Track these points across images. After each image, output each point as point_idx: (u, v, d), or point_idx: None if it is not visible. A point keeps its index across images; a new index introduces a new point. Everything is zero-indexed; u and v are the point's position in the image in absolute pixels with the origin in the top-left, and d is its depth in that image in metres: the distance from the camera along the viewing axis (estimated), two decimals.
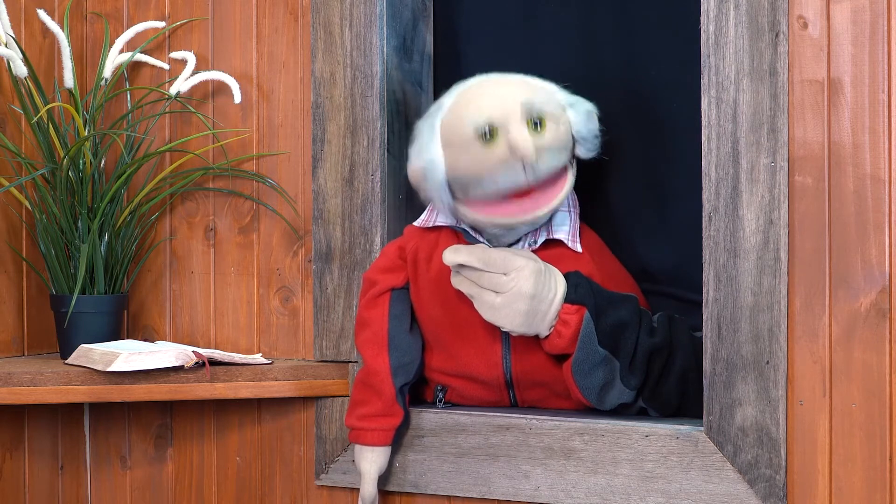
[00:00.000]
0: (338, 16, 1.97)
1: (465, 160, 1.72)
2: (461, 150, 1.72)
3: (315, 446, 2.00)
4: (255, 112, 2.08)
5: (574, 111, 1.77)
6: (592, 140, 1.79)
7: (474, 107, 1.73)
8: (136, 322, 2.18)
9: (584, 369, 1.73)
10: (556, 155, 1.73)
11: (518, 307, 1.70)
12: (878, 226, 1.62)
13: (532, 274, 1.70)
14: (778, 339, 1.66)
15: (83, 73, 2.19)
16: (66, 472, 2.17)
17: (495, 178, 1.71)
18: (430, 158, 1.75)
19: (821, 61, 1.65)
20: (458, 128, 1.73)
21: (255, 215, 2.09)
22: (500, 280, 1.70)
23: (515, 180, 1.71)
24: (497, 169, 1.70)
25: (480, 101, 1.74)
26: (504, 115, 1.70)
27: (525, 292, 1.69)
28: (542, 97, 1.74)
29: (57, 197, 2.03)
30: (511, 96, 1.72)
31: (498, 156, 1.70)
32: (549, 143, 1.72)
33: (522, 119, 1.70)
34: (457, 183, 1.75)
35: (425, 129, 1.78)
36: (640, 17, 1.98)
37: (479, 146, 1.70)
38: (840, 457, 1.64)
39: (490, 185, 1.72)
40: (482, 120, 1.70)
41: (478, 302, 1.73)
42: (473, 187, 1.74)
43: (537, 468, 1.80)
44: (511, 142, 1.68)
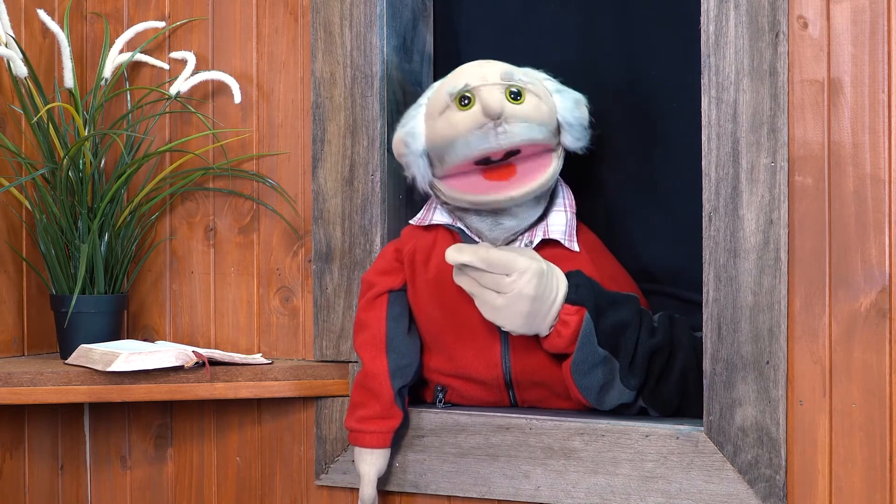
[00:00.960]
0: (338, 16, 1.97)
1: (441, 124, 1.76)
2: (439, 117, 1.76)
3: (315, 446, 2.00)
4: (255, 112, 2.08)
5: (561, 97, 1.80)
6: (580, 129, 1.79)
7: (455, 76, 1.79)
8: (136, 322, 2.18)
9: (584, 369, 1.73)
10: (533, 127, 1.74)
11: (519, 308, 1.70)
12: (878, 226, 1.62)
13: (535, 276, 1.69)
14: (778, 339, 1.66)
15: (83, 73, 2.19)
16: (66, 472, 2.17)
17: (467, 140, 1.73)
18: (411, 127, 1.80)
19: (821, 61, 1.65)
20: (439, 97, 1.78)
21: (255, 215, 2.09)
22: (502, 281, 1.70)
23: (486, 143, 1.73)
24: (469, 131, 1.73)
25: (462, 71, 1.80)
26: (482, 80, 1.75)
27: (527, 294, 1.69)
28: (527, 76, 1.79)
29: (57, 197, 2.02)
30: (491, 67, 1.78)
31: (471, 117, 1.73)
32: (524, 113, 1.73)
33: (500, 86, 1.74)
34: (433, 151, 1.78)
35: (413, 106, 1.84)
36: (640, 17, 1.98)
37: (455, 110, 1.75)
38: (840, 457, 1.64)
39: (462, 148, 1.74)
40: (459, 85, 1.75)
41: (479, 301, 1.73)
42: (447, 153, 1.76)
43: (537, 468, 1.80)
44: (482, 100, 1.72)
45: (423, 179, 1.81)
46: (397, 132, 1.83)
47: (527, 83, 1.77)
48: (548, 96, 1.79)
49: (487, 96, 1.72)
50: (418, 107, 1.83)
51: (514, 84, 1.75)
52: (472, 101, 1.74)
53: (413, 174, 1.82)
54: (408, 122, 1.82)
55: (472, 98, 1.74)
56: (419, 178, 1.82)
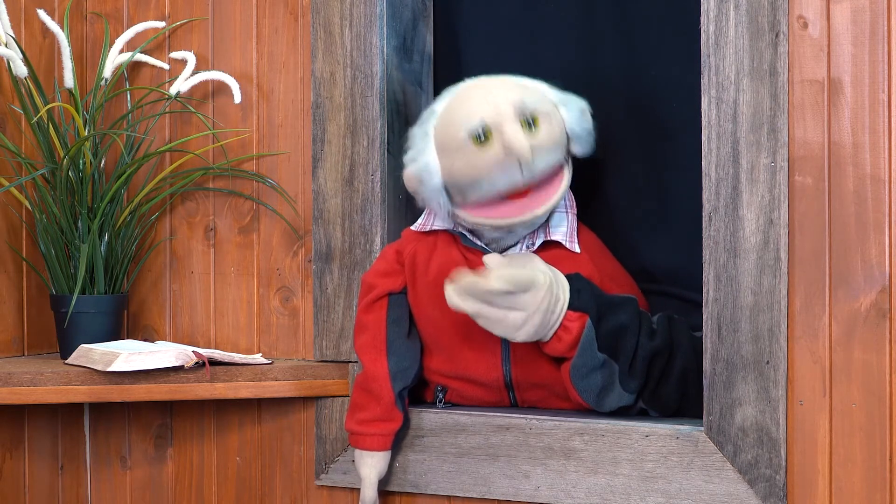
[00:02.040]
0: (338, 16, 1.97)
1: (461, 164, 1.72)
2: (456, 154, 1.72)
3: (315, 446, 2.00)
4: (255, 112, 2.08)
5: (567, 108, 1.78)
6: (587, 137, 1.79)
7: (466, 110, 1.73)
8: (136, 322, 2.18)
9: (583, 373, 1.72)
10: (552, 153, 1.73)
11: (534, 321, 1.68)
12: (878, 226, 1.62)
13: (548, 290, 1.68)
14: (778, 339, 1.66)
15: (83, 73, 2.19)
16: (66, 472, 2.17)
17: (492, 180, 1.71)
18: (425, 164, 1.76)
19: (821, 61, 1.65)
20: (452, 132, 1.73)
21: (255, 215, 2.09)
22: (520, 298, 1.67)
23: (512, 181, 1.71)
24: (493, 170, 1.70)
25: (472, 103, 1.74)
26: (497, 115, 1.71)
27: (542, 308, 1.68)
28: (534, 96, 1.75)
29: (57, 197, 2.02)
30: (503, 97, 1.73)
31: (493, 157, 1.70)
32: (543, 142, 1.72)
33: (515, 119, 1.71)
34: (454, 187, 1.75)
35: (419, 136, 1.79)
36: (640, 18, 1.98)
37: (474, 149, 1.71)
38: (840, 457, 1.64)
39: (487, 187, 1.72)
40: (475, 122, 1.71)
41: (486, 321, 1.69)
42: (471, 190, 1.73)
43: (537, 468, 1.80)
44: (506, 142, 1.68)
45: (443, 212, 1.78)
46: (409, 167, 1.79)
47: (537, 106, 1.73)
48: (555, 112, 1.76)
49: (511, 139, 1.68)
50: (425, 137, 1.78)
51: (528, 113, 1.72)
52: (490, 137, 1.70)
53: (429, 206, 1.80)
54: (417, 155, 1.78)
55: (488, 134, 1.70)
56: (438, 211, 1.79)
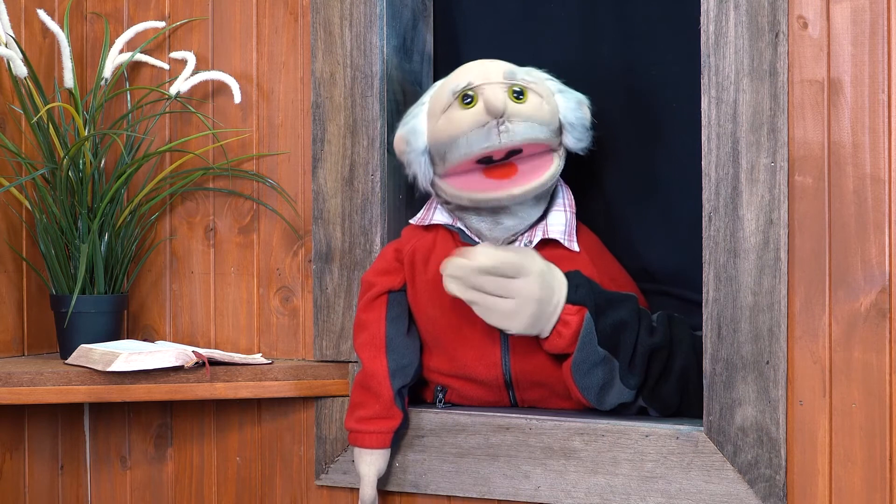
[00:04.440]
0: (338, 16, 1.97)
1: (443, 122, 1.76)
2: (441, 114, 1.77)
3: (315, 446, 2.00)
4: (255, 112, 2.08)
5: (563, 97, 1.80)
6: (582, 130, 1.79)
7: (458, 75, 1.80)
8: (136, 322, 2.18)
9: (584, 369, 1.73)
10: (535, 126, 1.74)
11: (528, 310, 1.69)
12: (878, 226, 1.62)
13: (539, 276, 1.69)
14: (778, 339, 1.66)
15: (83, 73, 2.19)
16: (66, 472, 2.17)
17: (469, 139, 1.73)
18: (413, 126, 1.81)
19: (821, 61, 1.65)
20: (441, 95, 1.79)
21: (255, 215, 2.09)
22: (510, 284, 1.68)
23: (488, 141, 1.73)
24: (472, 129, 1.73)
25: (465, 69, 1.81)
26: (484, 78, 1.76)
27: (535, 296, 1.69)
28: (527, 71, 1.80)
29: (57, 197, 2.03)
30: (494, 66, 1.79)
31: (473, 115, 1.73)
32: (527, 112, 1.74)
33: (503, 85, 1.75)
34: (435, 149, 1.78)
35: (415, 104, 1.85)
36: (640, 18, 1.98)
37: (458, 109, 1.75)
38: (840, 457, 1.64)
39: (464, 146, 1.74)
40: (462, 83, 1.76)
41: (482, 308, 1.71)
42: (449, 151, 1.76)
43: (537, 468, 1.80)
44: (485, 99, 1.72)
45: (424, 178, 1.81)
46: (398, 130, 1.83)
47: (529, 82, 1.77)
48: (550, 96, 1.79)
49: (490, 95, 1.72)
50: (420, 105, 1.83)
51: (517, 83, 1.75)
52: (475, 100, 1.74)
53: (414, 172, 1.82)
54: (409, 120, 1.82)
55: (474, 96, 1.75)
56: (420, 177, 1.82)
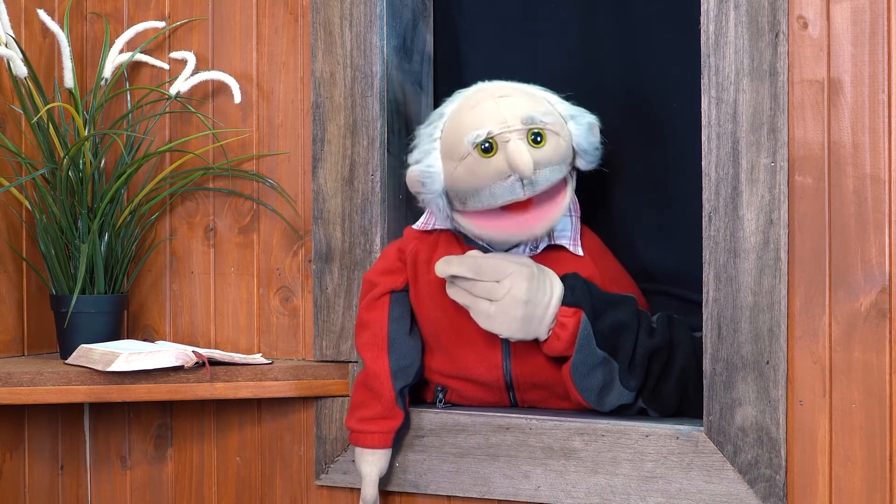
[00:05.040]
0: (338, 16, 1.97)
1: (463, 171, 1.71)
2: (460, 162, 1.72)
3: (315, 446, 2.00)
4: (255, 112, 2.08)
5: (575, 123, 1.76)
6: (593, 152, 1.78)
7: (474, 118, 1.72)
8: (136, 322, 2.18)
9: (583, 371, 1.73)
10: (555, 169, 1.72)
11: (513, 313, 1.69)
12: (878, 226, 1.62)
13: (524, 279, 1.69)
14: (778, 339, 1.66)
15: (83, 73, 2.19)
16: (66, 472, 2.17)
17: (493, 192, 1.70)
18: (428, 166, 1.75)
19: (821, 61, 1.65)
20: (458, 139, 1.72)
21: (255, 215, 2.09)
22: (492, 288, 1.69)
23: (513, 194, 1.70)
24: (495, 182, 1.69)
25: (481, 112, 1.72)
26: (504, 127, 1.69)
27: (519, 298, 1.69)
28: (544, 109, 1.73)
29: (57, 197, 2.02)
30: (511, 108, 1.71)
31: (496, 169, 1.69)
32: (548, 157, 1.71)
33: (522, 133, 1.70)
34: (454, 193, 1.75)
35: (425, 137, 1.78)
36: (640, 18, 1.98)
37: (478, 158, 1.69)
38: (840, 457, 1.64)
39: (487, 198, 1.71)
40: (482, 132, 1.70)
41: (473, 311, 1.72)
42: (471, 199, 1.73)
43: (537, 468, 1.80)
44: (509, 156, 1.67)
45: (442, 216, 1.79)
46: (412, 168, 1.78)
47: (546, 124, 1.71)
48: (563, 128, 1.74)
49: (514, 153, 1.66)
50: (431, 140, 1.77)
51: (535, 127, 1.71)
52: (494, 149, 1.69)
53: (429, 209, 1.81)
54: (422, 158, 1.77)
55: (493, 146, 1.69)
56: (438, 215, 1.79)
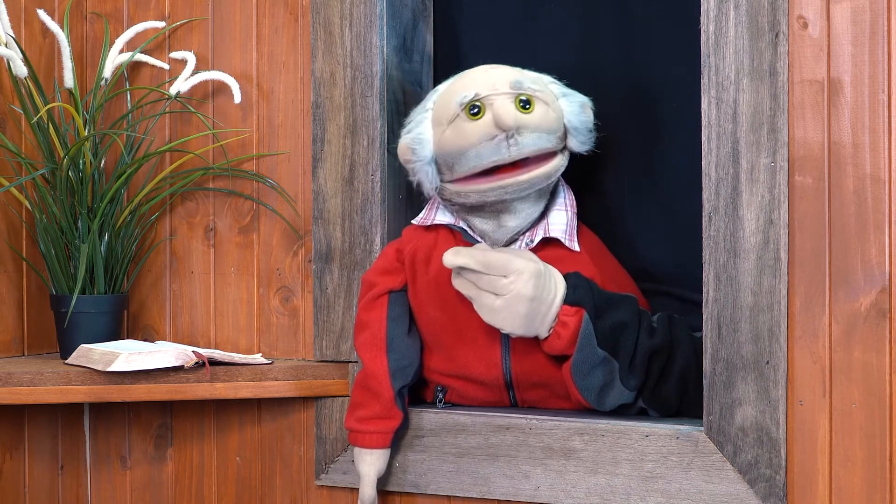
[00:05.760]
0: (338, 16, 1.97)
1: (451, 134, 1.75)
2: (448, 124, 1.75)
3: (315, 446, 2.00)
4: (255, 112, 2.08)
5: (567, 101, 1.80)
6: (585, 133, 1.80)
7: (464, 82, 1.78)
8: (136, 322, 2.18)
9: (583, 370, 1.73)
10: (542, 136, 1.74)
11: (517, 310, 1.70)
12: (878, 226, 1.62)
13: (532, 276, 1.69)
14: (778, 339, 1.66)
15: (83, 73, 2.19)
16: (66, 472, 2.17)
17: (479, 151, 1.73)
18: (418, 134, 1.79)
19: (821, 61, 1.65)
20: (448, 103, 1.77)
21: (255, 215, 2.09)
22: (499, 282, 1.70)
23: (498, 154, 1.72)
24: (481, 141, 1.72)
25: (470, 78, 1.79)
26: (491, 89, 1.74)
27: (525, 295, 1.69)
28: (533, 78, 1.78)
29: (57, 197, 2.03)
30: (500, 74, 1.77)
31: (482, 128, 1.72)
32: (535, 122, 1.73)
33: (510, 96, 1.74)
34: (442, 158, 1.77)
35: (417, 110, 1.83)
36: (640, 17, 1.98)
37: (465, 120, 1.74)
38: (840, 457, 1.64)
39: (473, 159, 1.73)
40: (469, 94, 1.74)
41: (477, 304, 1.72)
42: (458, 162, 1.75)
43: (537, 468, 1.80)
44: (494, 113, 1.71)
45: (430, 185, 1.81)
46: (403, 138, 1.82)
47: (535, 91, 1.76)
48: (554, 101, 1.78)
49: (500, 109, 1.72)
50: (424, 111, 1.81)
51: (524, 92, 1.75)
52: (482, 111, 1.73)
53: (419, 180, 1.82)
54: (413, 127, 1.81)
55: (482, 107, 1.73)
56: (426, 184, 1.81)
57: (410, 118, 1.83)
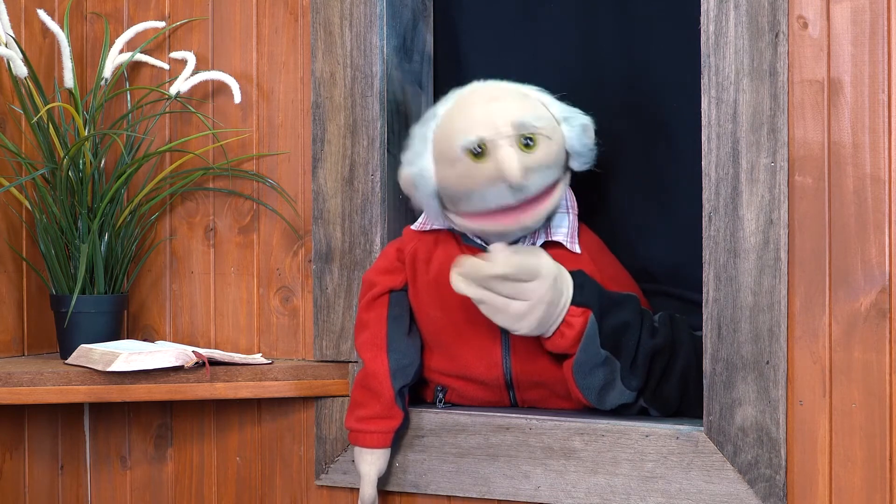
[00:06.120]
0: (338, 16, 1.97)
1: (454, 175, 1.72)
2: (451, 165, 1.72)
3: (315, 446, 2.00)
4: (255, 112, 2.08)
5: (568, 125, 1.76)
6: (587, 154, 1.78)
7: (465, 122, 1.72)
8: (136, 322, 2.18)
9: (585, 370, 1.72)
10: (546, 173, 1.73)
11: (538, 313, 1.68)
12: (878, 226, 1.62)
13: (552, 280, 1.68)
14: (778, 339, 1.66)
15: (83, 73, 2.19)
16: (66, 472, 2.17)
17: (483, 196, 1.71)
18: (421, 168, 1.76)
19: (821, 61, 1.65)
20: (449, 142, 1.72)
21: (255, 215, 2.09)
22: (524, 287, 1.67)
23: (503, 199, 1.71)
24: (485, 187, 1.70)
25: (472, 115, 1.73)
26: (495, 133, 1.70)
27: (546, 299, 1.68)
28: (536, 113, 1.73)
29: (57, 197, 2.03)
30: (503, 113, 1.71)
31: (486, 174, 1.69)
32: (539, 162, 1.71)
33: (513, 138, 1.70)
34: (446, 195, 1.76)
35: (418, 138, 1.79)
36: (640, 17, 1.98)
37: (469, 162, 1.70)
38: (840, 457, 1.64)
39: (478, 202, 1.72)
40: (472, 137, 1.70)
41: (489, 308, 1.69)
42: (462, 202, 1.74)
43: (537, 468, 1.80)
44: (499, 164, 1.68)
45: (435, 215, 1.80)
46: (405, 169, 1.79)
47: (538, 129, 1.71)
48: (556, 131, 1.74)
49: (505, 161, 1.67)
50: (424, 141, 1.77)
51: (527, 133, 1.71)
52: (485, 152, 1.69)
53: (422, 209, 1.82)
54: (414, 159, 1.78)
55: (484, 149, 1.69)
56: (431, 215, 1.81)
57: (411, 143, 1.80)
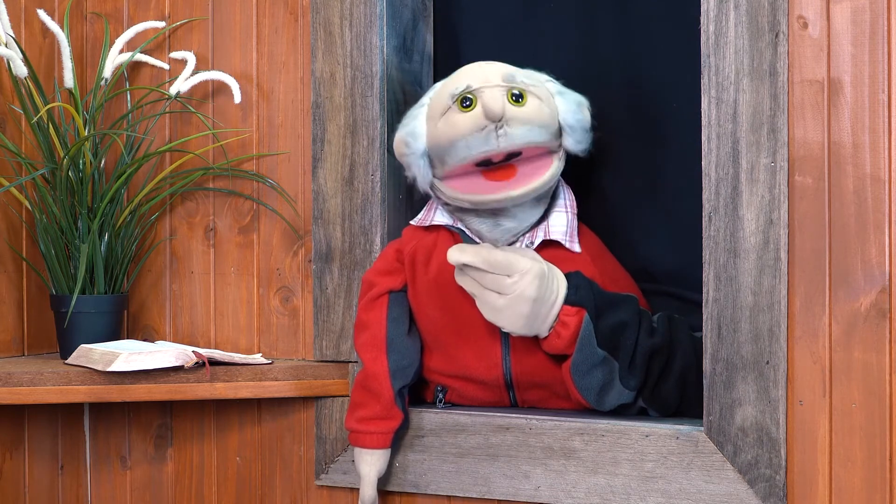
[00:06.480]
0: (338, 16, 1.97)
1: (443, 125, 1.76)
2: (441, 117, 1.76)
3: (315, 446, 2.00)
4: (255, 112, 2.08)
5: (563, 98, 1.80)
6: (582, 132, 1.79)
7: (458, 76, 1.79)
8: (136, 322, 2.18)
9: (583, 370, 1.73)
10: (534, 129, 1.74)
11: (520, 310, 1.69)
12: (878, 226, 1.62)
13: (536, 277, 1.69)
14: (778, 339, 1.66)
15: (83, 73, 2.19)
16: (66, 472, 2.17)
17: (468, 142, 1.73)
18: (412, 128, 1.80)
19: (821, 61, 1.65)
20: (441, 98, 1.78)
21: (255, 215, 2.09)
22: (503, 282, 1.69)
23: (487, 145, 1.73)
24: (471, 132, 1.73)
25: (465, 71, 1.80)
26: (483, 82, 1.75)
27: (528, 296, 1.69)
28: (527, 73, 1.79)
29: (57, 197, 2.03)
30: (494, 69, 1.78)
31: (472, 119, 1.73)
32: (526, 115, 1.73)
33: (502, 89, 1.74)
34: (434, 152, 1.78)
35: (415, 106, 1.84)
36: (640, 17, 1.98)
37: (457, 112, 1.75)
38: (840, 457, 1.64)
39: (463, 150, 1.74)
40: (461, 86, 1.75)
41: (480, 301, 1.72)
42: (448, 154, 1.76)
43: (537, 468, 1.80)
44: (483, 103, 1.72)
45: (423, 180, 1.82)
46: (398, 132, 1.83)
47: (528, 85, 1.76)
48: (550, 98, 1.78)
49: (489, 98, 1.72)
50: (420, 107, 1.83)
51: (516, 86, 1.75)
52: (474, 103, 1.74)
53: (413, 174, 1.82)
54: (409, 122, 1.82)
55: (473, 100, 1.74)
56: (420, 179, 1.82)
57: (407, 114, 1.84)
